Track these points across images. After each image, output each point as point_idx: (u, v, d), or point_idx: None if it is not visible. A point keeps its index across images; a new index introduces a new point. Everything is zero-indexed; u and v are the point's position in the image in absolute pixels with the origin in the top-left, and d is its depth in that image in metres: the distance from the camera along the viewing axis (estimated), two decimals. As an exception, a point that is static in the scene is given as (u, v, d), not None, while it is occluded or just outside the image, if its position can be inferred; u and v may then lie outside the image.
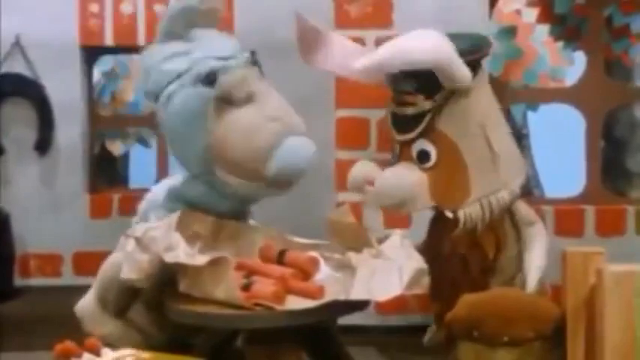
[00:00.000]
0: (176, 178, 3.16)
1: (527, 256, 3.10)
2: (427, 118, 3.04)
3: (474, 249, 3.08)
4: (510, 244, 3.13)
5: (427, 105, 3.03)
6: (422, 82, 3.03)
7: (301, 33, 3.24)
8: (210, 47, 2.98)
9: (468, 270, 3.09)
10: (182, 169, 3.10)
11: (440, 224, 3.19)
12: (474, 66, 3.08)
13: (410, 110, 3.07)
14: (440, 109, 3.04)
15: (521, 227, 3.14)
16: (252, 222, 3.21)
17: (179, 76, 2.93)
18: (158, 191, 3.19)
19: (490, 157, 3.09)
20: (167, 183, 3.20)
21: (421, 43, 2.95)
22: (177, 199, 3.05)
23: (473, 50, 3.09)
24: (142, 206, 3.23)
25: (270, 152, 2.83)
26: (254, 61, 2.97)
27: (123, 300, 2.99)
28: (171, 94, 2.94)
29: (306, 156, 2.89)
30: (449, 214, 3.04)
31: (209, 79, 2.89)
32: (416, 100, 3.05)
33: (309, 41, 3.25)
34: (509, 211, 3.12)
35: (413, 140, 3.08)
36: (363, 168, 3.17)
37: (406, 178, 3.04)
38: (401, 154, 3.13)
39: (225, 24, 4.94)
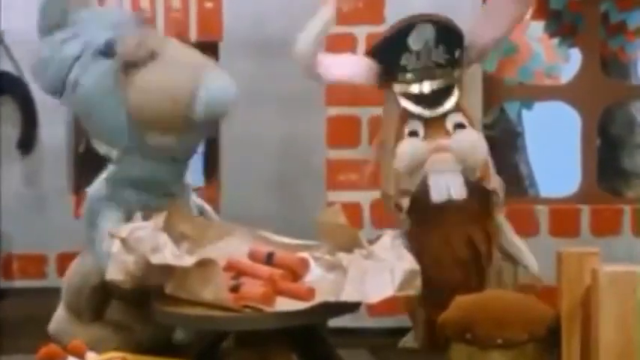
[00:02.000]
0: (108, 169, 3.12)
1: (513, 244, 3.09)
2: (457, 90, 3.06)
3: (471, 250, 3.06)
4: (495, 237, 3.11)
5: (456, 76, 3.05)
6: (455, 52, 3.05)
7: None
8: (97, 21, 2.97)
9: (469, 275, 3.07)
10: (112, 150, 3.05)
11: (428, 225, 3.15)
12: None
13: (439, 83, 3.06)
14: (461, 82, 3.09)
15: (495, 215, 3.12)
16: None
17: (77, 59, 2.91)
18: (98, 187, 3.13)
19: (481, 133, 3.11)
20: (102, 177, 3.16)
21: None
22: (122, 185, 3.01)
23: None
24: (86, 206, 3.17)
25: (192, 95, 2.78)
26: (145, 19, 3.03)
27: (95, 304, 2.96)
28: (76, 80, 2.92)
29: (225, 90, 2.83)
30: (487, 186, 3.02)
31: (108, 51, 2.87)
32: (445, 72, 3.04)
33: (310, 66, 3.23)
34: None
35: (444, 115, 3.06)
36: (417, 143, 3.10)
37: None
38: (430, 133, 3.08)
39: (214, 22, 4.93)
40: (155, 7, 5.00)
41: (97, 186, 3.13)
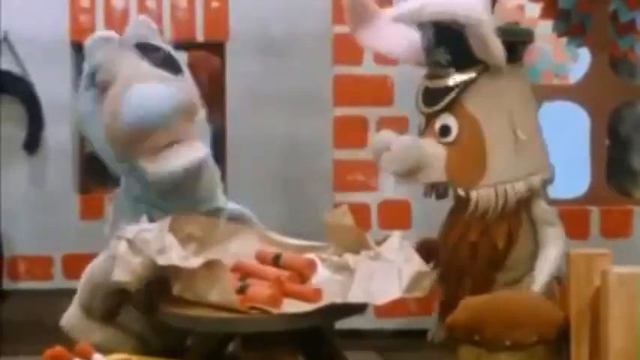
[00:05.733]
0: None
1: (541, 257, 3.04)
2: (454, 93, 3.01)
3: (484, 238, 3.03)
4: (523, 241, 3.05)
5: (457, 79, 3.01)
6: (456, 54, 3.00)
7: (351, 4, 3.21)
8: (89, 50, 2.97)
9: (476, 259, 3.03)
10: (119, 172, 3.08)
11: (455, 213, 3.13)
12: (514, 52, 3.04)
13: (440, 83, 3.04)
14: (470, 86, 3.00)
15: (539, 227, 3.07)
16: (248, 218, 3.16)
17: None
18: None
19: (513, 144, 3.03)
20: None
21: None
22: (134, 199, 3.02)
23: (510, 32, 3.06)
24: (114, 206, 3.18)
25: (120, 108, 2.79)
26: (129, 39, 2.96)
27: (109, 305, 2.94)
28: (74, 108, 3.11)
29: (151, 99, 2.79)
30: (461, 193, 2.99)
31: (92, 80, 2.91)
32: (447, 72, 3.03)
33: (359, 14, 3.21)
34: (527, 206, 3.06)
35: (437, 114, 3.04)
36: (385, 135, 3.12)
37: (423, 145, 3.00)
38: (424, 130, 3.10)
39: (220, 22, 4.92)
40: (162, 7, 5.01)
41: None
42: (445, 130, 3.03)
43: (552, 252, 3.00)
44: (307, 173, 4.11)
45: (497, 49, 2.95)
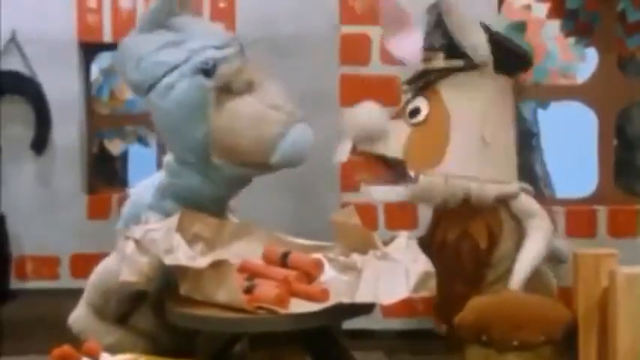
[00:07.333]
0: (158, 176, 3.11)
1: (522, 251, 3.02)
2: (433, 76, 3.05)
3: (465, 239, 3.02)
4: (506, 237, 3.04)
5: (442, 63, 3.05)
6: (450, 40, 3.03)
7: (386, 12, 3.27)
8: (204, 36, 3.00)
9: (460, 260, 3.02)
10: (176, 158, 3.05)
11: (436, 213, 3.14)
12: (507, 65, 3.06)
13: (425, 65, 3.09)
14: (451, 74, 3.04)
15: (522, 219, 3.06)
16: (231, 216, 3.18)
17: (177, 66, 2.93)
18: (141, 192, 3.13)
19: (478, 146, 3.02)
20: (148, 183, 3.14)
21: None
22: (164, 195, 3.01)
23: (508, 42, 3.11)
24: (126, 209, 3.16)
25: (276, 142, 2.83)
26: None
27: (124, 307, 2.95)
28: (170, 85, 2.93)
29: (308, 144, 2.92)
30: (411, 174, 3.00)
31: (209, 69, 2.91)
32: (435, 56, 3.07)
33: (392, 23, 3.26)
34: (505, 206, 3.05)
35: (413, 96, 3.09)
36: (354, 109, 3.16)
37: (383, 116, 3.05)
38: (398, 110, 3.13)
39: (227, 22, 4.92)
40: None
41: (142, 191, 3.13)
42: (415, 112, 3.07)
43: (532, 244, 2.99)
44: (314, 173, 4.10)
45: (476, 41, 2.96)
